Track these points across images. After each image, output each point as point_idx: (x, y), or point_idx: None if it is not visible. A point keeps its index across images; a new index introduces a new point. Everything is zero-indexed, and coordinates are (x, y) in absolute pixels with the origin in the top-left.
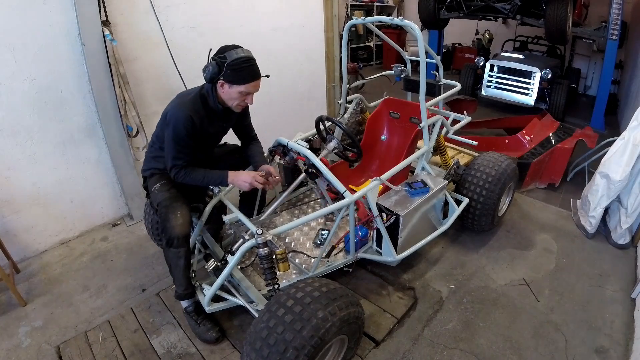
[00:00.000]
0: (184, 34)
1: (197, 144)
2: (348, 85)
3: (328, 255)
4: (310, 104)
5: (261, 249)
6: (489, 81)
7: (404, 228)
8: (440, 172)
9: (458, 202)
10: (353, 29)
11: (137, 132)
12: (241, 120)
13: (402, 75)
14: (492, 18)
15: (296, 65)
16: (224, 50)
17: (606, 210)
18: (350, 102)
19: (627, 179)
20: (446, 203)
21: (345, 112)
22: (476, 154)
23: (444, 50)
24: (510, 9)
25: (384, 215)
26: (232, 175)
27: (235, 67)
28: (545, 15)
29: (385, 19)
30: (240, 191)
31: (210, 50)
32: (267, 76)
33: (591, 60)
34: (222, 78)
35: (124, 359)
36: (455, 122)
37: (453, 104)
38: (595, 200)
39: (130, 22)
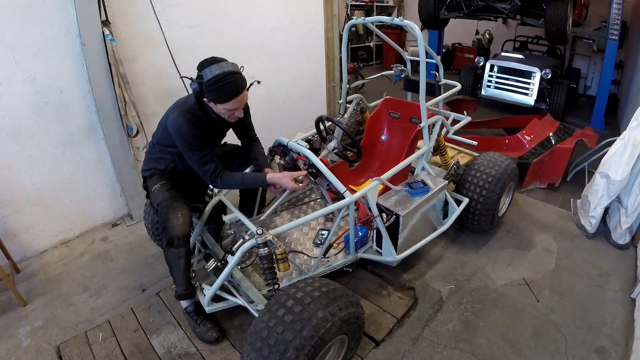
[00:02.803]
0: (184, 34)
1: None
2: (348, 85)
3: (326, 253)
4: (310, 104)
5: (261, 249)
6: (489, 81)
7: (404, 228)
8: (440, 172)
9: (458, 202)
10: (353, 29)
11: (137, 132)
12: (241, 121)
13: (402, 75)
14: (492, 18)
15: (296, 65)
16: (201, 67)
17: (606, 210)
18: (350, 102)
19: (627, 179)
20: (446, 203)
21: (345, 112)
22: (476, 154)
23: (444, 50)
24: (510, 9)
25: (384, 215)
26: (273, 176)
27: (211, 87)
28: (545, 15)
29: (385, 19)
30: (240, 191)
31: (181, 78)
32: (258, 82)
33: (591, 60)
34: (204, 97)
35: (124, 359)
36: (455, 122)
37: (453, 104)
38: (595, 200)
39: (130, 22)
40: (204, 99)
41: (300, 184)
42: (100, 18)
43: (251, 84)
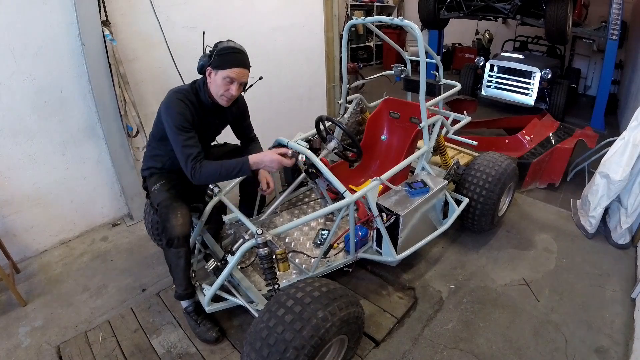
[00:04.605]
0: (184, 34)
1: None
2: (348, 85)
3: (326, 253)
4: (310, 104)
5: (261, 249)
6: (489, 81)
7: (404, 228)
8: (440, 172)
9: (458, 202)
10: (353, 29)
11: (137, 132)
12: (240, 121)
13: (402, 75)
14: (492, 18)
15: (296, 65)
16: (217, 44)
17: (606, 210)
18: (350, 102)
19: (627, 179)
20: (446, 203)
21: (345, 112)
22: (476, 154)
23: (444, 50)
24: (510, 9)
25: (384, 215)
26: (255, 159)
27: (222, 52)
28: (545, 15)
29: (385, 19)
30: (240, 191)
31: (204, 33)
32: (260, 78)
33: (591, 60)
34: (210, 65)
35: (124, 359)
36: (455, 122)
37: (453, 104)
38: (595, 200)
39: (130, 22)
40: (208, 70)
41: (289, 159)
42: (100, 18)
43: (256, 81)
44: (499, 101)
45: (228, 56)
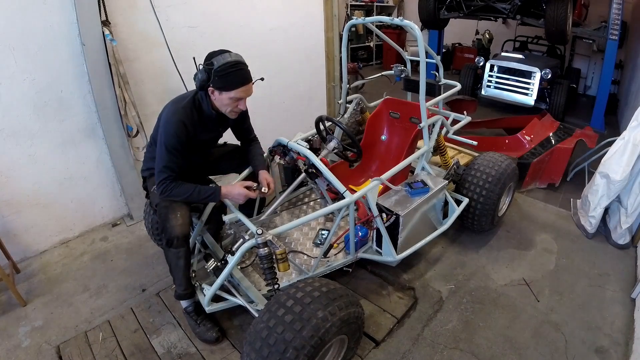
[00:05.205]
0: (184, 34)
1: (192, 149)
2: (348, 85)
3: (327, 253)
4: (310, 104)
5: (261, 249)
6: (489, 81)
7: (404, 228)
8: (440, 172)
9: (458, 202)
10: (353, 29)
11: (137, 132)
12: (240, 124)
13: (402, 75)
14: (492, 18)
15: (296, 65)
16: (211, 56)
17: (606, 210)
18: (350, 102)
19: (627, 179)
20: (446, 203)
21: (345, 112)
22: (476, 154)
23: (444, 50)
24: (510, 9)
25: (384, 215)
26: (225, 190)
27: (222, 73)
28: (545, 15)
29: (385, 19)
30: None
31: (194, 58)
32: (262, 79)
33: (591, 60)
34: (211, 85)
35: (124, 359)
36: (455, 122)
37: (453, 104)
38: (595, 200)
39: (130, 22)
40: (209, 89)
41: (254, 191)
42: (100, 18)
43: (255, 80)
44: (499, 101)
45: (230, 76)
